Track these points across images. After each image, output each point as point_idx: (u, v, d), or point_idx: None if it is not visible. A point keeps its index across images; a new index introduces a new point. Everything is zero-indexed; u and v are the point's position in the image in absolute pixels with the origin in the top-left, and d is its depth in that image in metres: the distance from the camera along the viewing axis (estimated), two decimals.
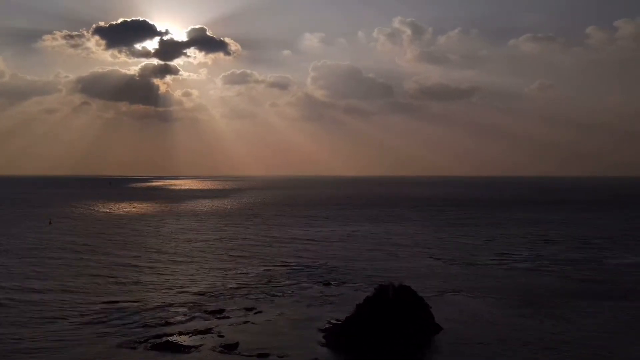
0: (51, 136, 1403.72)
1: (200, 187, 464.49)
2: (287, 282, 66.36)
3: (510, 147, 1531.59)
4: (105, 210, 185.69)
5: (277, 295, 59.49)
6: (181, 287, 63.69)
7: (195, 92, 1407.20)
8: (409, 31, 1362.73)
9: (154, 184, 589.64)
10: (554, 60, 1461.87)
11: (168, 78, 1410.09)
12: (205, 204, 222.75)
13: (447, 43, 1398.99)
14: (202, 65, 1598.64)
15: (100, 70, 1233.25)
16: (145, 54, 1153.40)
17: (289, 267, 76.10)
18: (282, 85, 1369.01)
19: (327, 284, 66.01)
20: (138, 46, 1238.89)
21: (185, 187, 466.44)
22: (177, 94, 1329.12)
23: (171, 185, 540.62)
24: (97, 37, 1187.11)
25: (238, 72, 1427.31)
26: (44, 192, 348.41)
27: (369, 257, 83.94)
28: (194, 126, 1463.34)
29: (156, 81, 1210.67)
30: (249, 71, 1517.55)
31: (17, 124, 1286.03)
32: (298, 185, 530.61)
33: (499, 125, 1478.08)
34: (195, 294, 60.15)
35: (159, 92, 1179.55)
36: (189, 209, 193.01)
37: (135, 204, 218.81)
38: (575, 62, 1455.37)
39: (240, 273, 72.26)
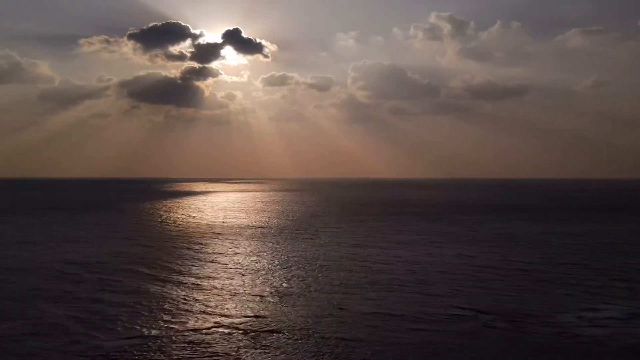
0: (108, 140, 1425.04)
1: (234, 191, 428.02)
2: None
3: (568, 148, 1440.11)
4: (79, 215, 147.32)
5: None
6: None
7: (238, 95, 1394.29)
8: (448, 26, 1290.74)
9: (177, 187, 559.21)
10: (607, 55, 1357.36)
11: (210, 80, 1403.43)
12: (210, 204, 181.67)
13: (488, 38, 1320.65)
14: (241, 67, 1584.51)
15: (142, 73, 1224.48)
16: (183, 56, 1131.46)
17: (255, 339, 30.47)
18: (323, 87, 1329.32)
19: None
20: (174, 49, 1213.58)
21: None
22: (220, 96, 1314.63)
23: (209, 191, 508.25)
24: (132, 41, 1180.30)
25: (278, 74, 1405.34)
26: (85, 194, 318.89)
27: (413, 320, 34.79)
28: (242, 129, 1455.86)
29: (198, 84, 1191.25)
30: (289, 74, 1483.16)
31: (70, 127, 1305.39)
32: (329, 188, 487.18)
33: (554, 125, 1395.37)
34: None
35: (204, 95, 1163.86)
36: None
37: (115, 209, 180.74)
38: (631, 57, 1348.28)
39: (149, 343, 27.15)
